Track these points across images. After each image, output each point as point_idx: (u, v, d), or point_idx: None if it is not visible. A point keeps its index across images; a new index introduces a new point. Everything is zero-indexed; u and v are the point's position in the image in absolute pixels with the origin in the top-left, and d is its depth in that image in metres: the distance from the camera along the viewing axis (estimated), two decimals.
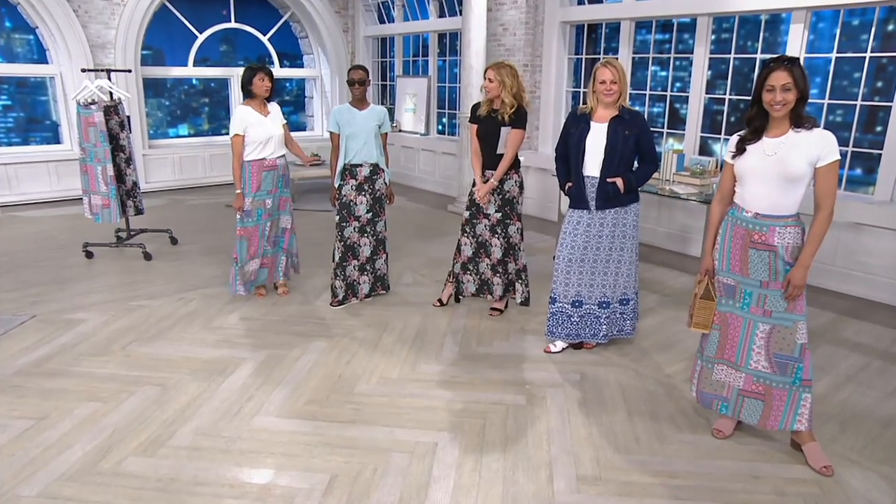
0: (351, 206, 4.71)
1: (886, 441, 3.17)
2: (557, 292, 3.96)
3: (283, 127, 4.76)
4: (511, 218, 4.43)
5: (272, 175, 4.71)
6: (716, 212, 3.07)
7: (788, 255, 2.83)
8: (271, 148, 4.66)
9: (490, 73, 4.24)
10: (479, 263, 4.55)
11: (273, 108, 4.74)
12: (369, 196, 4.72)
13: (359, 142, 4.65)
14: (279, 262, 5.00)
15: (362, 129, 4.64)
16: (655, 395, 3.56)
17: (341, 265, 4.80)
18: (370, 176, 4.71)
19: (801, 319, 2.88)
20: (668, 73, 7.03)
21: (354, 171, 4.69)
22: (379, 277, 4.96)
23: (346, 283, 4.84)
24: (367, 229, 4.77)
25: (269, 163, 4.68)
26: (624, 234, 3.87)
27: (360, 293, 4.90)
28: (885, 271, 5.08)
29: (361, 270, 4.86)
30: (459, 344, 4.18)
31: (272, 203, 4.78)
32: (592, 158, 3.78)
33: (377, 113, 4.73)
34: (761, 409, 3.00)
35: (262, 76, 4.58)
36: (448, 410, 3.37)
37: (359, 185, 4.70)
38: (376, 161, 4.70)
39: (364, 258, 4.82)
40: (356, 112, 4.69)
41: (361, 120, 4.65)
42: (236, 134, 4.55)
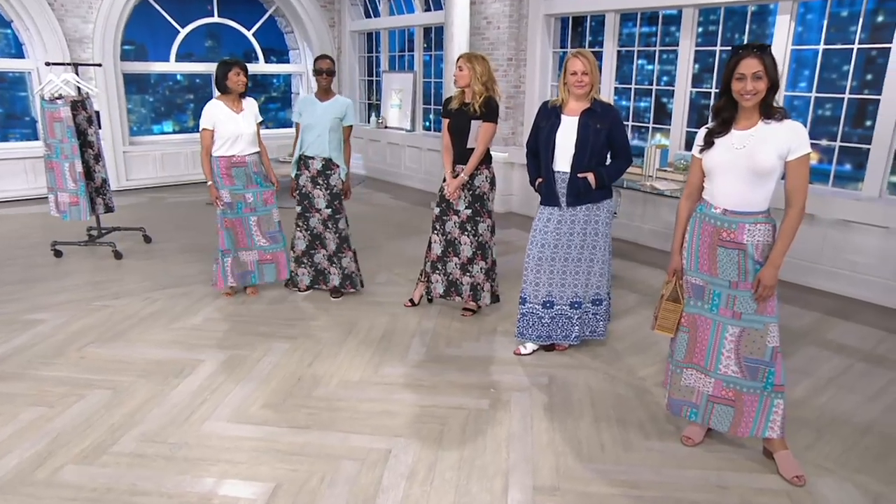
0: (310, 197, 4.60)
1: (863, 448, 3.03)
2: (527, 292, 3.81)
3: (256, 126, 4.61)
4: (481, 215, 4.28)
5: (242, 171, 4.57)
6: (684, 209, 2.92)
7: (758, 253, 2.68)
8: (241, 146, 4.52)
9: (460, 61, 4.10)
10: (448, 263, 4.40)
11: (248, 105, 4.59)
12: (325, 191, 4.60)
13: (313, 134, 4.55)
14: (285, 258, 4.86)
15: (319, 121, 4.53)
16: (625, 399, 3.42)
17: (308, 254, 4.76)
18: (322, 170, 4.59)
19: (773, 321, 2.73)
20: (654, 67, 6.89)
21: (307, 162, 4.61)
22: (346, 276, 4.82)
23: (315, 271, 4.77)
24: (329, 225, 4.65)
25: (238, 159, 4.54)
26: (596, 231, 3.72)
27: (330, 282, 4.79)
28: (872, 269, 4.93)
29: (330, 261, 4.76)
30: (427, 345, 4.04)
31: (253, 198, 4.65)
32: (563, 153, 3.63)
33: (339, 105, 4.60)
34: (731, 416, 2.85)
35: (237, 71, 4.44)
36: (407, 415, 3.22)
37: (313, 178, 4.59)
38: (329, 156, 4.57)
39: (331, 251, 4.72)
40: (317, 103, 4.58)
41: (321, 111, 4.54)
42: (205, 128, 4.43)
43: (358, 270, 4.89)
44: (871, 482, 2.78)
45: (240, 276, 4.77)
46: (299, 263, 4.82)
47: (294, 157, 4.68)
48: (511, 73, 7.60)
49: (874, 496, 2.68)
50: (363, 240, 6.05)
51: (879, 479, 2.80)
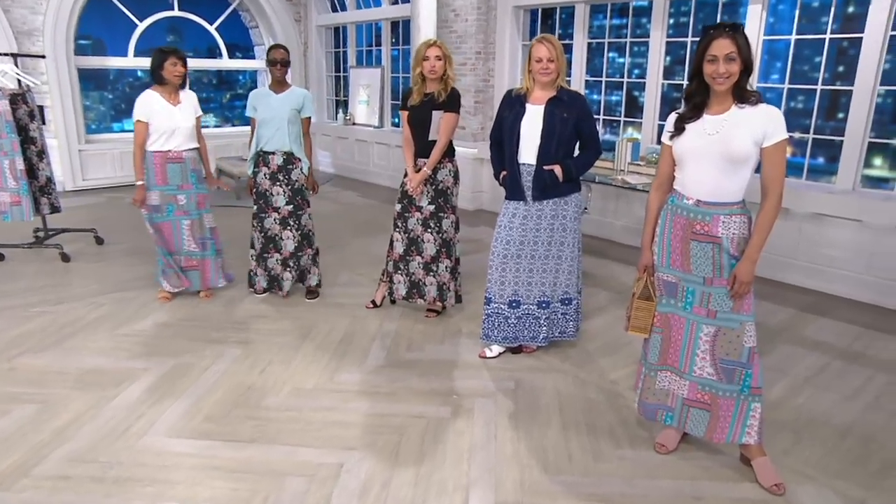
0: (267, 196, 4.37)
1: (843, 451, 2.87)
2: (492, 292, 3.61)
3: (196, 120, 4.35)
4: (445, 211, 4.07)
5: (179, 168, 4.30)
6: (654, 201, 2.74)
7: (734, 247, 2.50)
8: (177, 140, 4.25)
9: (433, 50, 3.86)
10: (410, 262, 4.18)
11: (186, 98, 4.33)
12: (286, 187, 4.36)
13: (271, 128, 4.30)
14: (213, 265, 4.58)
15: (276, 114, 4.28)
16: (596, 404, 3.23)
17: (262, 256, 4.52)
18: (284, 165, 4.35)
19: (749, 320, 2.55)
20: (625, 60, 6.74)
21: (266, 158, 4.36)
22: (302, 273, 4.61)
23: (268, 276, 4.54)
24: (290, 222, 4.41)
25: (174, 155, 4.27)
26: (564, 227, 3.53)
27: (284, 288, 4.55)
28: (847, 264, 4.81)
29: (284, 265, 4.52)
30: (387, 349, 3.82)
31: (186, 200, 4.37)
32: (528, 144, 3.43)
33: (296, 97, 4.37)
34: (707, 420, 2.67)
35: (174, 61, 4.17)
36: (362, 426, 3.00)
37: (272, 175, 4.34)
38: (290, 149, 4.33)
39: (287, 253, 4.48)
40: (272, 95, 4.34)
41: (277, 104, 4.30)
42: (138, 120, 4.15)
43: (317, 269, 4.66)
44: (851, 488, 2.62)
45: (172, 280, 4.50)
46: (258, 263, 4.57)
47: (251, 153, 4.43)
48: (480, 66, 7.40)
49: (856, 503, 2.52)
50: (327, 239, 5.81)
51: (860, 485, 2.64)
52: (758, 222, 2.47)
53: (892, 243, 4.59)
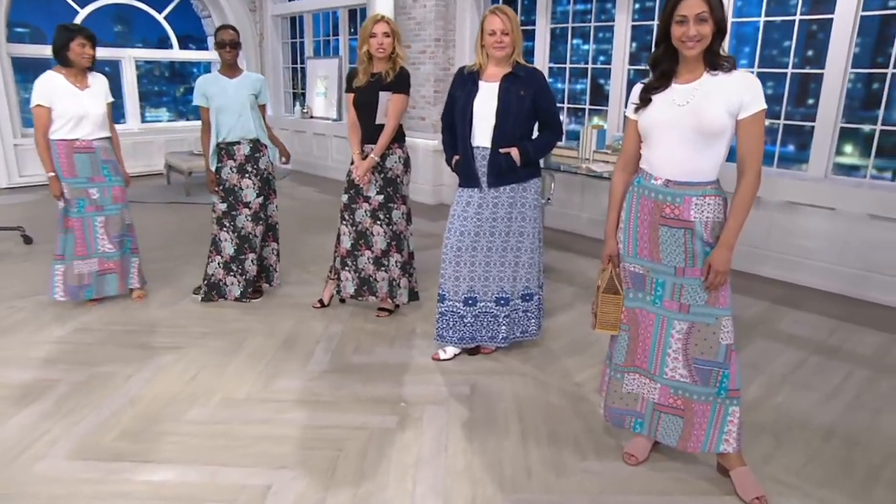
0: (237, 191, 3.98)
1: (828, 456, 2.62)
2: (446, 288, 3.29)
3: (106, 106, 3.95)
4: (395, 201, 3.74)
5: (89, 159, 3.89)
6: (618, 182, 2.45)
7: (708, 232, 2.22)
8: (87, 128, 3.84)
9: (381, 26, 3.53)
10: (359, 258, 3.84)
11: (96, 82, 3.91)
12: (255, 178, 3.99)
13: (231, 116, 3.92)
14: (130, 266, 4.18)
15: (234, 100, 3.90)
16: (559, 410, 2.93)
17: (238, 259, 4.10)
18: (251, 154, 3.98)
19: (726, 314, 2.28)
20: (589, 47, 6.49)
21: (231, 150, 3.97)
22: (264, 268, 4.26)
23: (245, 280, 4.13)
24: (261, 216, 4.07)
25: (83, 144, 3.86)
26: (523, 215, 3.23)
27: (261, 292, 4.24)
28: (821, 254, 4.61)
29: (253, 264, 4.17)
30: (332, 352, 3.48)
31: (99, 194, 3.96)
32: (482, 125, 3.13)
33: (252, 81, 4.00)
34: (681, 428, 2.39)
35: (82, 41, 3.75)
36: (297, 440, 2.66)
37: (240, 167, 3.96)
38: (256, 136, 3.97)
39: (258, 250, 4.13)
40: (226, 81, 3.95)
41: (233, 90, 3.92)
42: (39, 104, 3.71)
43: (275, 264, 4.33)
44: (838, 498, 2.37)
45: (72, 290, 3.99)
46: (228, 271, 4.13)
47: (211, 147, 4.01)
48: (439, 54, 7.09)
49: None
50: None
51: (848, 494, 2.39)
52: (734, 203, 2.19)
53: (865, 232, 4.40)
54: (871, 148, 4.69)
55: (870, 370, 3.40)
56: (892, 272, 4.31)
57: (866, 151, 5.11)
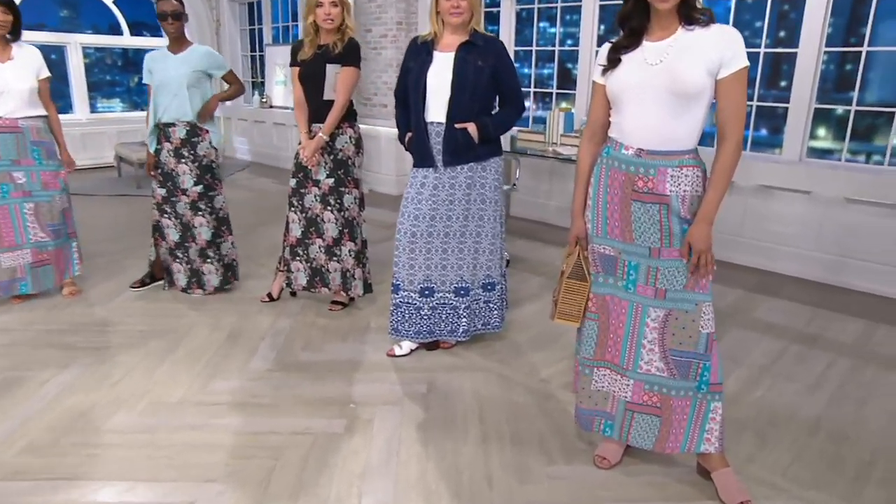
0: (174, 176, 3.64)
1: (814, 454, 2.40)
2: (401, 277, 3.02)
3: (39, 83, 3.59)
4: (346, 184, 3.45)
5: (13, 139, 3.53)
6: (584, 154, 2.19)
7: (685, 208, 1.98)
8: (8, 105, 3.48)
9: None
10: (310, 246, 3.55)
11: (23, 55, 3.56)
12: (192, 164, 3.65)
13: (167, 94, 3.59)
14: (71, 253, 3.84)
15: (173, 77, 3.57)
16: (524, 409, 2.68)
17: (183, 246, 3.79)
18: (187, 139, 3.64)
19: (706, 300, 2.04)
20: (556, 30, 6.25)
21: (167, 131, 3.63)
22: (228, 265, 3.91)
23: (190, 269, 3.81)
24: (202, 206, 3.70)
25: (6, 123, 3.50)
26: (483, 197, 2.97)
27: (208, 284, 3.86)
28: (796, 241, 4.43)
29: (203, 257, 3.81)
30: (278, 350, 3.18)
31: (27, 179, 3.60)
32: (436, 98, 2.86)
33: (197, 56, 3.65)
34: (657, 428, 2.15)
35: None
36: (230, 448, 2.36)
37: (176, 151, 3.63)
38: (192, 119, 3.63)
39: (204, 242, 3.76)
40: (169, 56, 3.62)
41: (173, 66, 3.58)
42: None
43: (237, 259, 4.00)
44: (829, 499, 2.15)
45: (3, 286, 3.65)
46: (174, 257, 3.84)
47: (149, 126, 3.69)
48: (402, 38, 6.79)
49: None
50: None
51: (838, 495, 2.18)
52: (714, 173, 1.95)
53: (842, 216, 4.23)
54: (844, 131, 4.54)
55: (852, 358, 3.21)
56: (869, 257, 4.16)
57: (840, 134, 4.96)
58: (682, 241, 1.99)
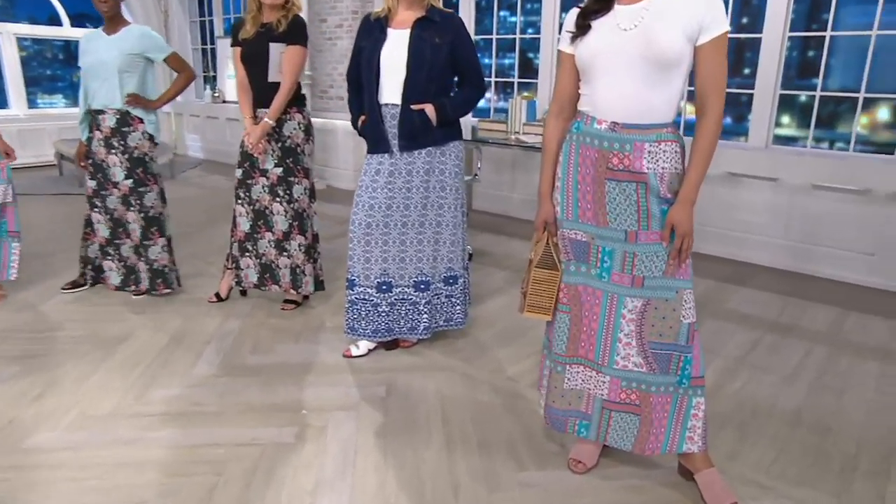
0: (105, 167, 3.35)
1: (799, 449, 2.27)
2: (356, 272, 2.80)
3: None
4: (295, 174, 3.22)
5: None
6: (552, 131, 2.01)
7: (664, 187, 1.81)
8: None
9: None
10: (259, 241, 3.31)
11: None
12: (122, 156, 3.36)
13: (97, 78, 3.30)
14: (10, 253, 3.52)
15: (104, 60, 3.27)
16: (491, 410, 2.49)
17: (114, 244, 3.52)
18: (118, 128, 3.35)
19: (687, 287, 1.88)
20: (517, 19, 6.09)
21: (97, 119, 3.35)
22: (157, 271, 3.57)
23: (125, 267, 3.54)
24: (132, 202, 3.41)
25: None
26: (442, 184, 2.77)
27: (142, 283, 3.57)
28: (765, 229, 4.35)
29: (138, 255, 3.52)
30: (225, 353, 2.93)
31: None
32: (391, 78, 2.65)
33: (132, 37, 3.35)
34: (636, 428, 1.98)
35: None
36: (166, 464, 2.12)
37: (106, 140, 3.34)
38: (122, 107, 3.34)
39: (137, 240, 3.48)
40: (102, 38, 3.32)
41: (105, 48, 3.29)
42: None
43: (173, 264, 3.66)
44: (818, 497, 2.01)
45: None
46: (105, 255, 3.57)
47: (80, 113, 3.40)
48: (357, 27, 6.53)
49: None
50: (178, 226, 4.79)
51: (827, 491, 2.04)
52: (694, 149, 1.79)
53: (809, 203, 4.16)
54: (807, 118, 4.48)
55: (827, 347, 3.12)
56: (835, 244, 4.11)
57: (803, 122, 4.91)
58: (662, 223, 1.82)
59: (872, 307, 3.63)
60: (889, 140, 4.75)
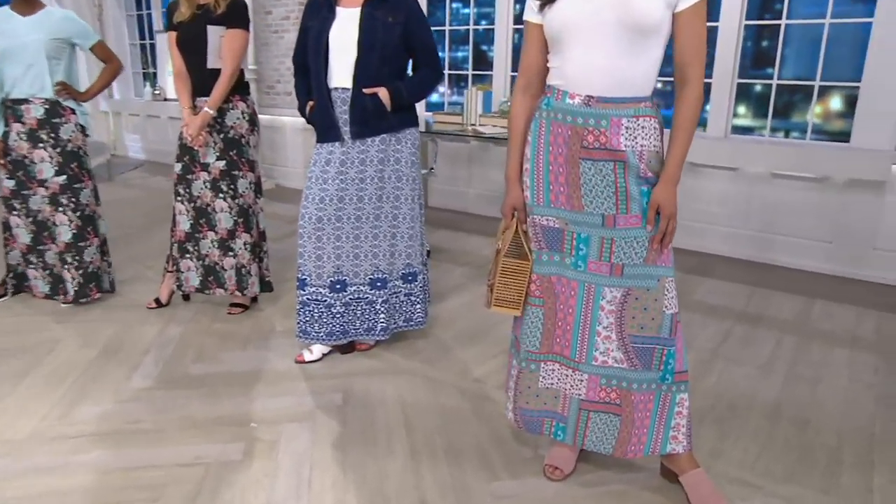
0: (28, 164, 3.04)
1: (781, 445, 2.16)
2: (307, 271, 2.59)
3: None
4: (240, 167, 2.99)
5: None
6: (519, 108, 1.84)
7: (644, 165, 1.66)
8: None
9: None
10: (202, 241, 3.06)
11: None
12: (54, 150, 3.07)
13: (19, 65, 3.00)
14: None
15: (26, 44, 2.97)
16: (457, 415, 2.31)
17: (36, 250, 3.21)
18: (47, 119, 3.05)
19: (669, 275, 1.74)
20: (470, 10, 5.94)
21: (18, 110, 3.03)
22: (91, 274, 3.27)
23: (50, 275, 3.23)
24: (63, 201, 3.11)
25: None
26: (398, 174, 2.58)
27: (69, 292, 3.23)
28: (726, 220, 4.30)
29: (63, 261, 3.20)
30: (165, 363, 2.68)
31: None
32: (340, 60, 2.45)
33: (55, 20, 3.05)
34: (617, 429, 1.82)
35: None
36: (95, 490, 1.87)
37: (31, 133, 3.03)
38: (52, 96, 3.04)
39: (63, 244, 3.16)
40: (16, 18, 3.01)
41: (24, 30, 2.98)
42: None
43: (108, 266, 3.38)
44: (807, 494, 1.90)
45: None
46: (27, 262, 3.25)
47: None
48: None
49: None
50: (116, 228, 4.48)
51: (816, 487, 1.94)
52: (676, 123, 1.65)
53: (769, 192, 4.13)
54: (763, 108, 4.45)
55: (797, 336, 3.05)
56: (795, 233, 4.10)
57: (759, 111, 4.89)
58: (642, 205, 1.67)
59: (835, 295, 3.60)
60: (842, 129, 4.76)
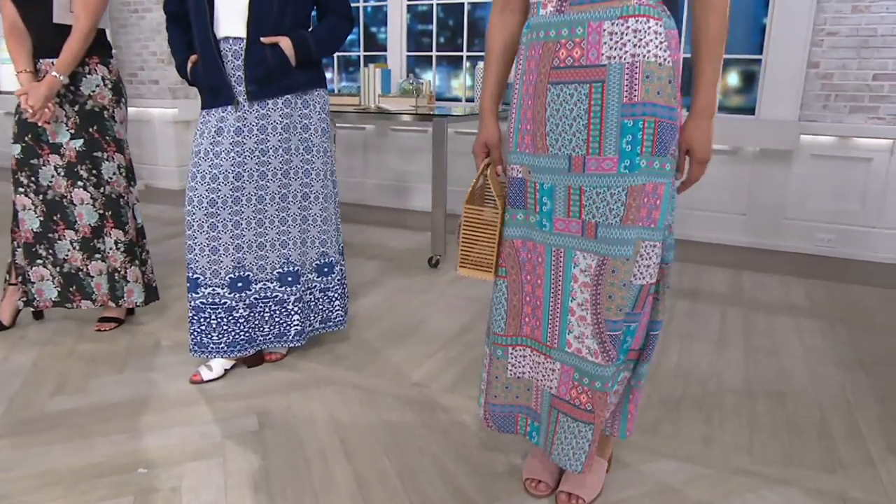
0: None
1: (767, 427, 1.94)
2: (199, 268, 2.08)
3: None
4: (103, 147, 2.41)
5: None
6: (496, 28, 1.47)
7: (638, 86, 1.26)
8: None
9: None
10: (57, 243, 2.46)
11: None
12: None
13: None
14: None
15: None
16: (405, 430, 1.89)
17: None
18: None
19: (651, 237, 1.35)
20: None
21: None
22: None
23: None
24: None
25: None
26: (307, 144, 2.14)
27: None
28: None
29: None
30: (12, 400, 2.07)
31: None
32: (230, 3, 1.97)
33: None
34: (589, 441, 1.41)
35: None
36: None
37: None
38: None
39: None
40: None
41: None
42: None
43: None
44: (815, 475, 1.67)
45: None
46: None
47: None
48: None
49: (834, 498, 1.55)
50: None
51: (819, 466, 1.73)
52: (698, 35, 1.32)
53: None
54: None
55: (739, 308, 2.94)
56: (710, 207, 4.09)
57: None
58: (619, 146, 1.27)
59: (758, 265, 3.60)
60: (741, 104, 4.78)
